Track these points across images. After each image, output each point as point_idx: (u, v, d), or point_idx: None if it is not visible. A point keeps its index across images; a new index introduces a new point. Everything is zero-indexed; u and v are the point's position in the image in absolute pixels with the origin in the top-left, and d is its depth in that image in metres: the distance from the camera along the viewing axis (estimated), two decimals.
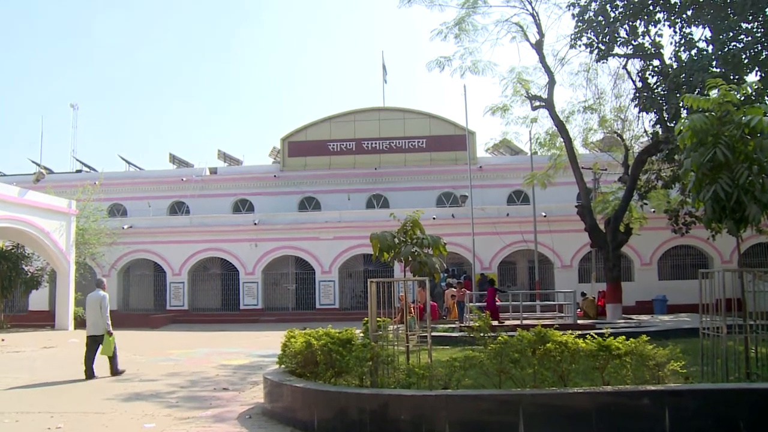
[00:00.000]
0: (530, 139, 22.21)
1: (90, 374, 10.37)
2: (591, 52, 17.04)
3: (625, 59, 17.87)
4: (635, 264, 25.48)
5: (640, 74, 17.31)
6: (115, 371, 10.68)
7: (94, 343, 10.54)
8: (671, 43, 16.15)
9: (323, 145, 31.80)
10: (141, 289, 28.20)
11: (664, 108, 15.88)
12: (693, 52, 15.31)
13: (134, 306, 27.94)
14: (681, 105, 14.15)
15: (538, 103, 20.04)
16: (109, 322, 10.69)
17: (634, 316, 19.46)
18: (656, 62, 17.00)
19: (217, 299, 27.62)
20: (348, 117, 32.12)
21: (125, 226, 27.01)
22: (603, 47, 16.41)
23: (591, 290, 22.36)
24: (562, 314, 17.58)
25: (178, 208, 32.34)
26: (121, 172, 34.37)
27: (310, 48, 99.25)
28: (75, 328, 21.85)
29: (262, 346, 15.86)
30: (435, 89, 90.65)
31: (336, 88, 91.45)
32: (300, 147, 31.91)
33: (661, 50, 16.92)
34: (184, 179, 31.96)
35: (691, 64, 14.78)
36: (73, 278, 22.52)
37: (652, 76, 16.84)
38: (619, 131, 20.82)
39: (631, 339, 6.29)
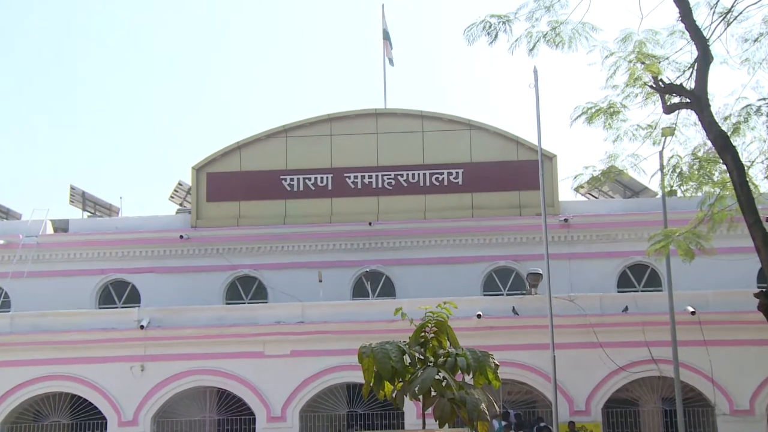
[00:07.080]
0: (661, 168, 22.30)
1: None
2: None
3: None
4: None
5: None
6: None
7: None
8: None
9: (272, 179, 31.83)
10: None
11: None
12: None
13: None
14: None
15: (676, 99, 20.07)
16: None
17: None
18: None
19: None
20: (320, 128, 32.30)
21: None
22: None
23: None
24: None
25: None
26: None
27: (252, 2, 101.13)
28: None
29: None
30: (477, 79, 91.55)
31: (298, 72, 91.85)
32: (229, 183, 31.91)
33: None
34: (2, 242, 31.68)
35: None
36: None
37: None
38: None
39: None
